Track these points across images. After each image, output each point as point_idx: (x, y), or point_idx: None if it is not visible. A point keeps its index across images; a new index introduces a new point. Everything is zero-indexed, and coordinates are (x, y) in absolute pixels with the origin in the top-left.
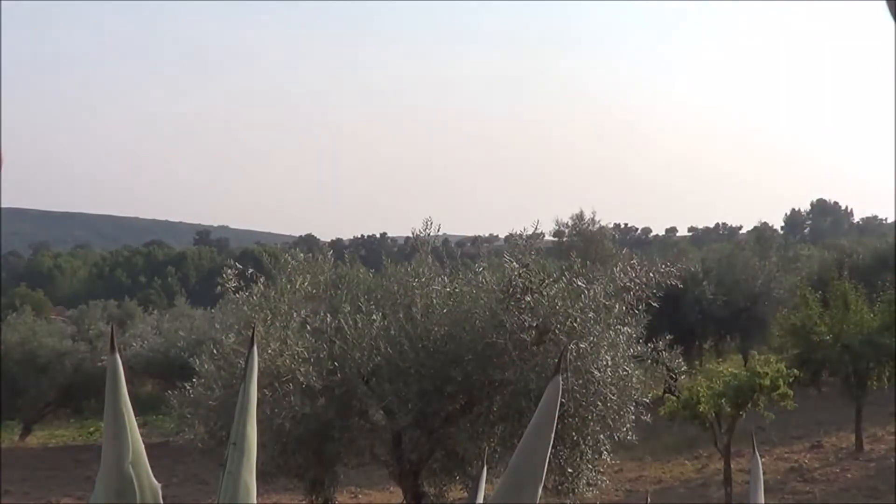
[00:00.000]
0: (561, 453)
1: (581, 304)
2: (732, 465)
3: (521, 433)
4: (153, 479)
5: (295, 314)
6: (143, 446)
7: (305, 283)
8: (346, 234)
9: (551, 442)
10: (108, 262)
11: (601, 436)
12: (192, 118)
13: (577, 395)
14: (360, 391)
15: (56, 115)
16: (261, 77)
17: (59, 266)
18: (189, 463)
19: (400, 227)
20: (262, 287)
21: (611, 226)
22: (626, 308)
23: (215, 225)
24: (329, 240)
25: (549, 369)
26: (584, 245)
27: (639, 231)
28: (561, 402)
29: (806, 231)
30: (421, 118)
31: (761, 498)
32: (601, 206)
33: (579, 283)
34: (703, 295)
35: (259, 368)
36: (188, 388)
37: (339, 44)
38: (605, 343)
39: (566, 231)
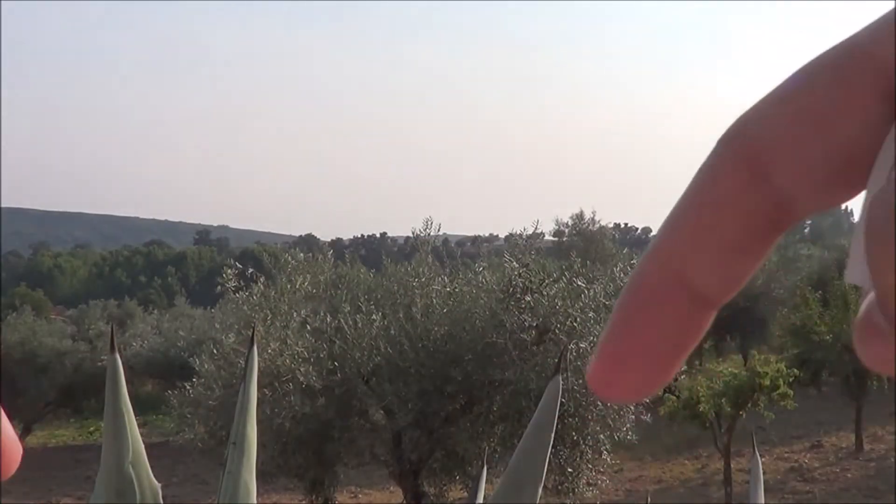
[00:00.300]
0: (561, 453)
1: (581, 304)
2: (732, 465)
3: (521, 433)
4: (153, 479)
5: (295, 314)
6: (143, 446)
7: (305, 283)
8: (346, 234)
9: (551, 442)
10: (108, 262)
11: (601, 436)
12: (193, 118)
13: (577, 395)
14: (360, 391)
15: (56, 114)
16: (261, 78)
17: (59, 266)
18: (189, 463)
19: (400, 227)
20: (262, 287)
21: (611, 226)
22: None
23: (215, 225)
24: (329, 240)
25: (549, 369)
26: (584, 245)
27: (639, 231)
28: (561, 402)
29: (806, 231)
30: (422, 118)
31: (761, 498)
32: (601, 206)
33: (579, 283)
34: None
35: (259, 368)
36: (188, 388)
37: (339, 45)
38: None
39: (566, 231)
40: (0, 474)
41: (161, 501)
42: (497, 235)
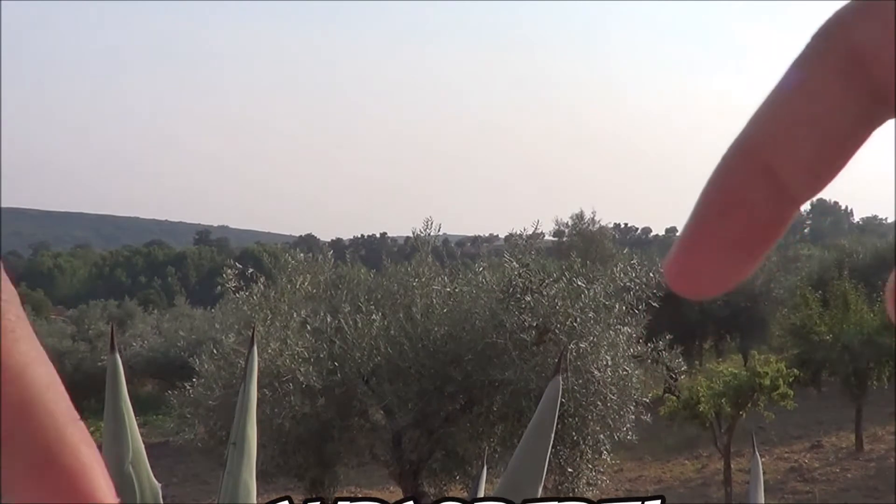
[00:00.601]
0: (561, 453)
1: (581, 304)
2: (732, 465)
3: (521, 433)
4: (153, 479)
5: (295, 314)
6: (143, 446)
7: (305, 283)
8: (346, 234)
9: (551, 442)
10: (108, 262)
11: (601, 436)
12: (193, 118)
13: (577, 395)
14: (360, 391)
15: (56, 115)
16: (261, 78)
17: (59, 266)
18: (189, 463)
19: (400, 227)
20: (262, 287)
21: (611, 226)
22: (626, 308)
23: (215, 225)
24: (329, 240)
25: (549, 369)
26: (584, 245)
27: (639, 231)
28: (561, 402)
29: (806, 231)
30: (422, 118)
31: (761, 498)
32: (601, 206)
33: (579, 283)
34: None
35: (259, 368)
36: (188, 388)
37: (338, 45)
38: (605, 343)
39: (566, 231)
40: None
41: (161, 501)
42: (497, 235)
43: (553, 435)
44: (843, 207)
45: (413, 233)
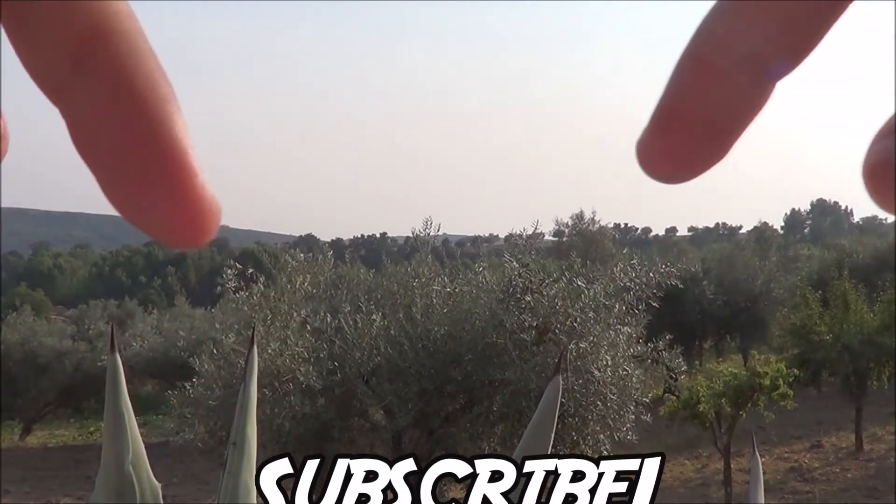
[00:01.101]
0: (561, 453)
1: (581, 304)
2: (732, 465)
3: (521, 433)
4: (153, 479)
5: (295, 314)
6: (143, 446)
7: (305, 283)
8: (346, 234)
9: (551, 442)
10: (108, 262)
11: (601, 436)
12: (193, 118)
13: (577, 395)
14: (360, 391)
15: (56, 115)
16: (260, 77)
17: (59, 266)
18: (189, 463)
19: (400, 227)
20: (262, 287)
21: (611, 226)
22: (626, 308)
23: None
24: (329, 240)
25: (549, 369)
26: (584, 245)
27: (639, 231)
28: (561, 402)
29: (806, 231)
30: (422, 118)
31: (761, 498)
32: (601, 206)
33: (579, 283)
34: (703, 295)
35: (259, 368)
36: (188, 388)
37: (338, 45)
38: (605, 343)
39: (566, 231)
40: None
41: (161, 501)
42: (497, 235)
43: (553, 435)
44: (843, 207)
45: (413, 233)
